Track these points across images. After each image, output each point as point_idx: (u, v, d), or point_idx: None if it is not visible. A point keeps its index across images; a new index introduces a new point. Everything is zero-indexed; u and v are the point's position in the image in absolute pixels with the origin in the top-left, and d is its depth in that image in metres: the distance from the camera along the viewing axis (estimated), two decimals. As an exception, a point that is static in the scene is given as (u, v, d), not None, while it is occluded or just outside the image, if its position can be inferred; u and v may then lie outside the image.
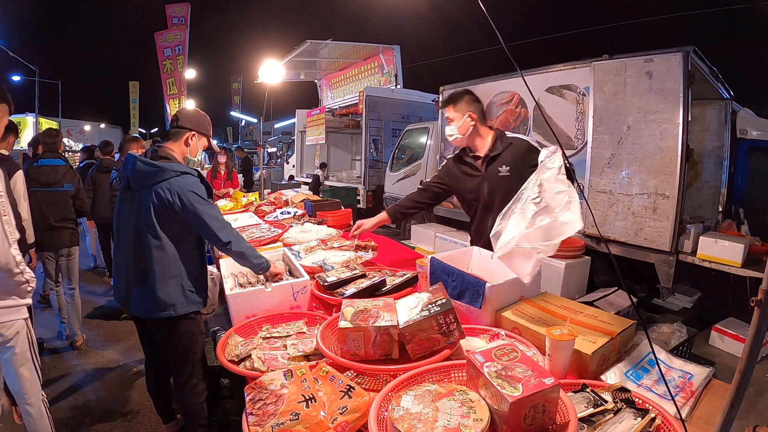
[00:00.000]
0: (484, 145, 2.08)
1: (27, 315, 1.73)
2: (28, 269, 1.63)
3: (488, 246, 2.03)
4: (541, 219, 1.38)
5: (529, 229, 1.39)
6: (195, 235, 1.82)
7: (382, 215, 2.28)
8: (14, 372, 1.74)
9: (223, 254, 2.41)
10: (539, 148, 1.72)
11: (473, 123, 2.02)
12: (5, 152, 2.68)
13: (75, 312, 3.31)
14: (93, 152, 7.01)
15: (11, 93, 1.75)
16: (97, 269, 5.35)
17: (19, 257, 1.57)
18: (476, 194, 2.11)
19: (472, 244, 2.31)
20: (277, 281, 1.84)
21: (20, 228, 2.31)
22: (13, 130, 2.88)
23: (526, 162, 1.87)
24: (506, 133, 2.10)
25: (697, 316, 4.03)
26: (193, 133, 1.88)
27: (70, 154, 12.43)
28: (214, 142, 2.03)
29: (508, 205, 1.50)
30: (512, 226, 1.45)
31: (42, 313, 3.77)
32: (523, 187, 1.51)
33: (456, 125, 2.02)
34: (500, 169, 1.99)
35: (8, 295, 1.62)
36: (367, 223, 2.26)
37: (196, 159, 1.95)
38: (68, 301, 3.29)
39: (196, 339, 1.89)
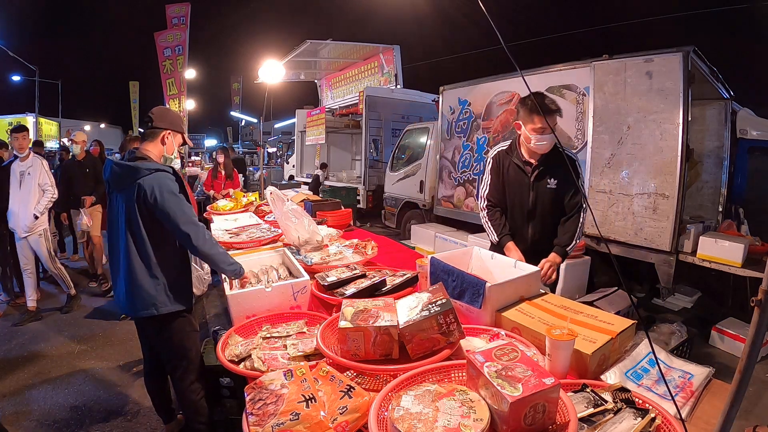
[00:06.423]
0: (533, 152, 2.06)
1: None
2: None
3: (530, 251, 2.03)
4: None
5: None
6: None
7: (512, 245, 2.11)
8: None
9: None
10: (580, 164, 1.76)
11: None
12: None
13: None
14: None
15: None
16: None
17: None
18: (520, 198, 2.13)
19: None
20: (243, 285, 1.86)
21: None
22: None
23: (571, 177, 1.91)
24: (556, 144, 2.03)
25: (697, 316, 4.04)
26: (168, 131, 1.90)
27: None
28: (187, 138, 2.08)
29: None
30: None
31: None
32: None
33: (551, 134, 1.92)
34: (549, 181, 2.02)
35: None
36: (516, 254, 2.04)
37: (173, 156, 1.95)
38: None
39: (189, 336, 1.90)
